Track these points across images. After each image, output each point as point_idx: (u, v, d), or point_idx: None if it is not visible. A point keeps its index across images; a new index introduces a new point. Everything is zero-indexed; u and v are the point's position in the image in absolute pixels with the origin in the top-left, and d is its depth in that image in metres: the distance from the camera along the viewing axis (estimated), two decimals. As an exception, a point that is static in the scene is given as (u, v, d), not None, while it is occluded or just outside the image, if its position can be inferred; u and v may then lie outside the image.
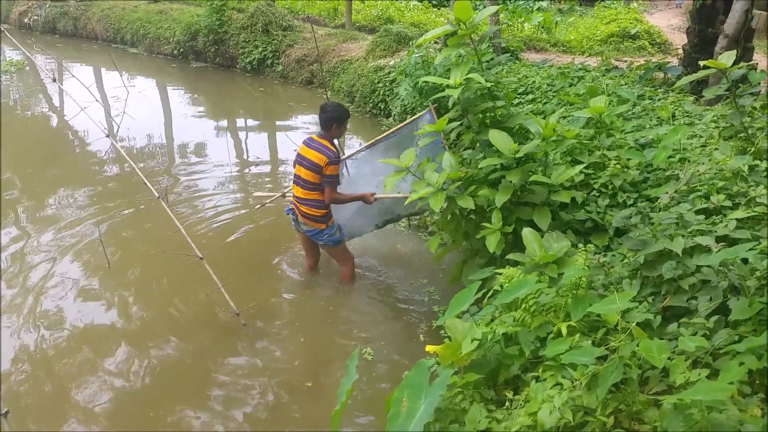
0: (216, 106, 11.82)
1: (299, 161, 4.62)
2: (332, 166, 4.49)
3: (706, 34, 7.88)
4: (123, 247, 5.68)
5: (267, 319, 4.70)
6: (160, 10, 16.42)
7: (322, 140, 4.58)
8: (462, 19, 3.73)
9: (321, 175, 4.50)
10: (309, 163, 4.53)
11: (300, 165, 4.61)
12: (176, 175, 7.85)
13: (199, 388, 3.95)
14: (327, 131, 4.61)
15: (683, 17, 16.92)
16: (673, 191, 3.31)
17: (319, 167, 4.48)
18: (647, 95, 6.41)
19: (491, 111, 4.14)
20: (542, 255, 3.00)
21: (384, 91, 10.27)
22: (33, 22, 19.09)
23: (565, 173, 3.66)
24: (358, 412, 3.76)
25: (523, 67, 8.74)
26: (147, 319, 4.64)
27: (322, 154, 4.49)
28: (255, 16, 13.87)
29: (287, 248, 5.71)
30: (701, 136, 4.57)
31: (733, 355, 2.24)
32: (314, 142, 4.61)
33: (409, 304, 4.92)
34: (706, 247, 2.71)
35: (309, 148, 4.57)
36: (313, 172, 4.52)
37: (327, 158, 4.46)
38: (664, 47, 12.87)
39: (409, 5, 17.93)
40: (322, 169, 4.48)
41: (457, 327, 2.78)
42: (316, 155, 4.50)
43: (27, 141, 9.25)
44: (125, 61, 15.37)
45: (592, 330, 2.69)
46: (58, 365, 4.10)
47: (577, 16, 16.75)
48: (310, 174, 4.54)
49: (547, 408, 2.19)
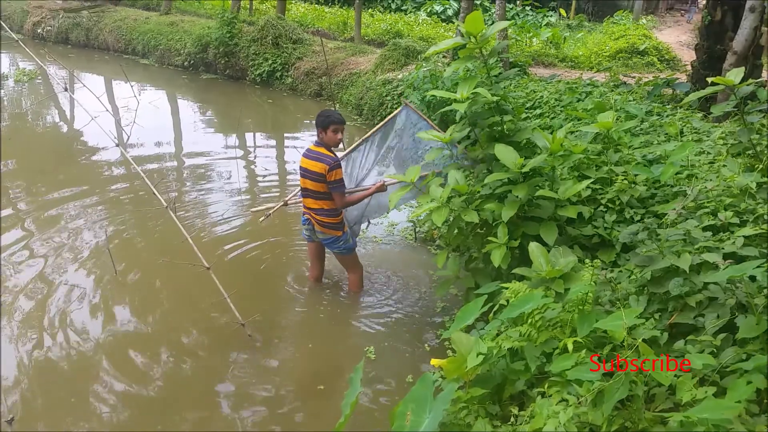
0: (225, 117, 11.91)
1: (303, 174, 4.65)
2: (334, 171, 4.50)
3: (714, 51, 7.89)
4: (130, 256, 5.70)
5: (274, 327, 4.72)
6: (171, 22, 16.60)
7: (319, 148, 4.61)
8: (473, 32, 3.77)
9: (326, 183, 4.53)
10: (312, 174, 4.56)
11: (305, 177, 4.64)
12: (184, 185, 7.89)
13: (208, 395, 3.95)
14: (319, 138, 4.65)
15: (692, 33, 16.96)
16: (680, 207, 3.30)
17: (322, 176, 4.51)
18: (655, 111, 6.42)
19: (498, 125, 4.16)
20: (549, 270, 2.99)
21: (392, 104, 10.33)
22: (46, 32, 19.35)
23: (572, 188, 3.66)
24: (362, 424, 3.74)
25: (531, 82, 8.78)
26: (154, 327, 4.64)
27: (321, 162, 4.51)
28: (265, 28, 14.01)
29: (293, 258, 5.72)
30: (709, 152, 4.56)
31: (741, 374, 2.22)
32: (312, 152, 4.63)
33: (415, 315, 4.91)
34: (714, 264, 2.70)
35: (309, 159, 4.61)
36: (318, 182, 4.55)
37: (327, 165, 4.48)
38: (672, 64, 12.91)
39: (418, 20, 18.06)
40: (325, 176, 4.50)
41: (463, 341, 2.77)
42: (317, 165, 4.53)
43: (38, 149, 9.32)
44: (136, 71, 15.52)
45: (598, 346, 2.68)
46: (63, 372, 4.10)
47: (585, 32, 16.82)
48: (316, 184, 4.57)
49: (553, 424, 2.18)
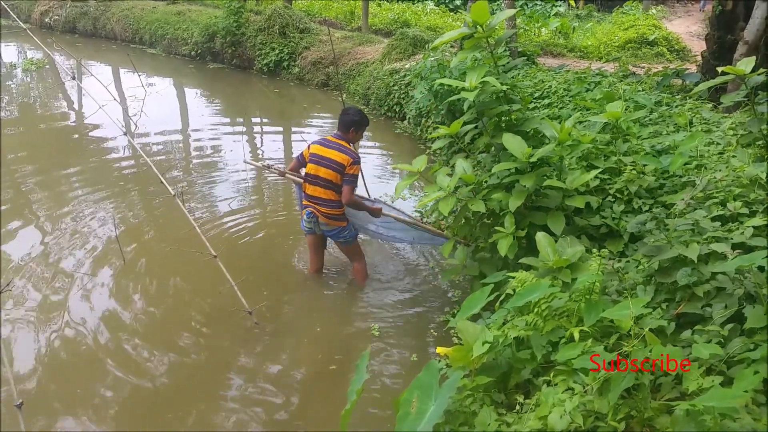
0: (232, 106, 11.91)
1: (317, 161, 4.62)
2: (355, 166, 4.55)
3: (725, 41, 7.80)
4: (138, 244, 5.73)
5: (281, 314, 4.76)
6: (178, 12, 16.59)
7: (340, 141, 4.63)
8: (479, 21, 3.73)
9: (343, 175, 4.54)
10: (331, 162, 4.55)
11: (318, 165, 4.60)
12: (192, 174, 7.92)
13: (218, 382, 3.99)
14: (345, 133, 4.65)
15: (702, 24, 16.80)
16: (689, 198, 3.28)
17: (343, 166, 4.52)
18: (664, 101, 6.37)
19: (506, 114, 4.14)
20: (556, 259, 2.99)
21: (399, 94, 10.29)
22: (54, 21, 19.38)
23: (580, 178, 3.64)
24: (367, 411, 3.76)
25: (539, 72, 8.73)
26: (162, 315, 4.67)
27: (345, 154, 4.54)
28: (272, 18, 13.97)
29: (298, 248, 5.74)
30: (718, 143, 4.52)
31: (748, 364, 2.21)
32: (332, 142, 4.63)
33: (421, 302, 4.93)
34: (722, 254, 2.68)
35: (327, 148, 4.60)
36: (335, 172, 4.55)
37: (351, 158, 4.53)
38: (682, 54, 12.79)
39: (426, 9, 17.97)
40: (345, 168, 4.52)
41: (469, 329, 2.77)
42: (339, 155, 4.54)
43: (46, 138, 9.35)
44: (143, 61, 15.53)
45: (604, 335, 2.67)
46: (71, 360, 4.14)
47: (594, 22, 16.69)
48: (331, 173, 4.56)
49: (558, 412, 2.18)
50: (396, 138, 9.74)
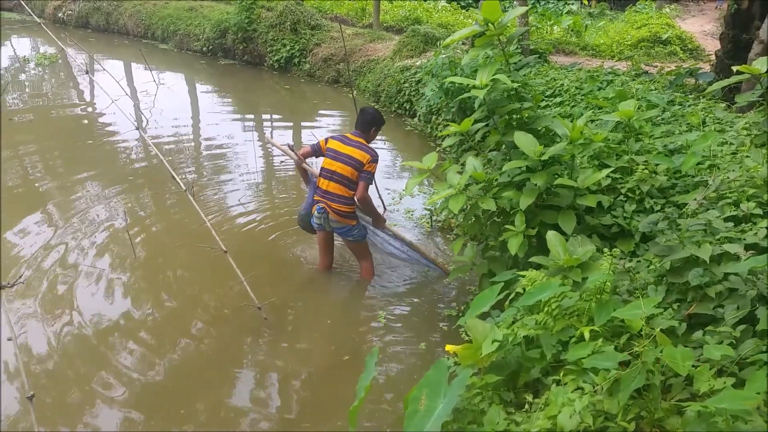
0: (243, 102, 11.95)
1: (334, 156, 4.65)
2: (374, 164, 4.64)
3: (740, 40, 7.73)
4: (149, 239, 5.76)
5: (291, 308, 4.78)
6: (190, 7, 16.65)
7: (359, 139, 4.72)
8: (490, 19, 3.71)
9: (360, 171, 4.58)
10: (349, 159, 4.61)
11: (335, 160, 4.64)
12: (202, 169, 7.95)
13: (227, 376, 4.01)
14: (365, 132, 4.74)
15: (716, 23, 16.64)
16: (701, 198, 3.25)
17: (361, 163, 4.59)
18: (677, 101, 6.32)
19: (517, 112, 4.12)
20: (566, 258, 2.97)
21: (410, 91, 10.28)
22: (67, 16, 19.50)
23: (591, 177, 3.62)
24: (377, 406, 3.76)
25: (551, 70, 8.68)
26: (172, 310, 4.70)
27: (365, 152, 4.62)
28: (284, 14, 13.99)
29: (308, 244, 5.74)
30: (732, 143, 4.48)
31: (760, 366, 2.20)
32: (351, 140, 4.70)
33: (429, 301, 4.93)
34: (735, 254, 2.66)
35: (347, 145, 4.67)
36: (354, 168, 4.60)
37: (371, 156, 4.62)
38: (696, 53, 12.68)
39: (437, 6, 17.91)
40: (363, 165, 4.58)
41: (478, 328, 2.76)
42: (359, 152, 4.61)
43: (58, 131, 9.42)
44: (155, 56, 15.59)
45: (615, 335, 2.66)
46: (83, 353, 4.17)
47: (607, 21, 16.56)
48: (349, 170, 4.61)
49: (568, 412, 2.17)
50: (406, 135, 9.73)
